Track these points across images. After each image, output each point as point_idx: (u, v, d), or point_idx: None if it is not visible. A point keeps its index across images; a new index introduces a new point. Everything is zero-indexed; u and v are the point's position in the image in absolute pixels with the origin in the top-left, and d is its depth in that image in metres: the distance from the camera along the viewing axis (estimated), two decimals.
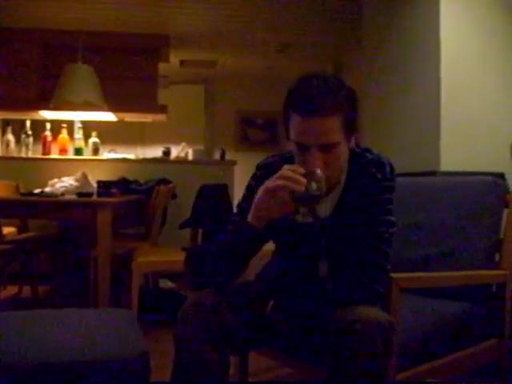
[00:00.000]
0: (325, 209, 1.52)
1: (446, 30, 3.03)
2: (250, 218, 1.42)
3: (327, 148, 1.38)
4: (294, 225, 1.50)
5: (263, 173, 1.55)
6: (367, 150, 1.53)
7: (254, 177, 1.60)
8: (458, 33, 3.05)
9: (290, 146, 1.47)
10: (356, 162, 1.50)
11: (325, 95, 1.35)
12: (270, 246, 1.71)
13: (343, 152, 1.44)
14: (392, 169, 1.51)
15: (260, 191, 1.39)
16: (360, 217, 1.48)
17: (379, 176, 1.48)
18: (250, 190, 1.56)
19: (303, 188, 1.31)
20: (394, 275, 1.54)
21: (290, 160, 1.51)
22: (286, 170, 1.35)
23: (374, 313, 1.36)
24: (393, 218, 1.49)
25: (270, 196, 1.37)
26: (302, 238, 1.56)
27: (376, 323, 1.32)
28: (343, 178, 1.51)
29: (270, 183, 1.37)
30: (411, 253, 2.11)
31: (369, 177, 1.48)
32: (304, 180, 1.32)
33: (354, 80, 5.54)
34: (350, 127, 1.42)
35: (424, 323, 1.73)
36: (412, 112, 3.32)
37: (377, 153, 1.53)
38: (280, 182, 1.34)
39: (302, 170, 1.34)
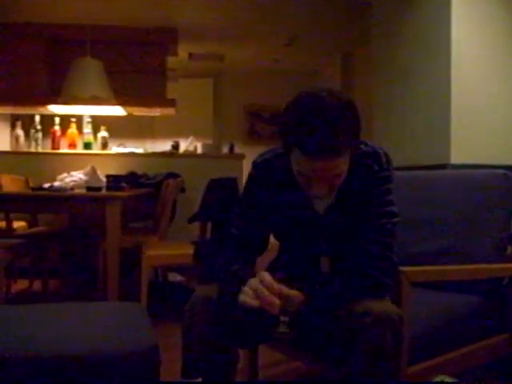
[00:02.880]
0: (322, 204, 1.50)
1: (457, 23, 3.00)
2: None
3: (334, 176, 1.36)
4: (293, 221, 1.52)
5: (259, 172, 1.55)
6: (361, 143, 1.49)
7: (250, 177, 1.58)
8: (468, 26, 3.03)
9: None
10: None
11: (331, 138, 1.26)
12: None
13: (345, 173, 1.39)
14: (388, 158, 1.48)
15: (240, 297, 1.35)
16: (359, 210, 1.47)
17: (376, 167, 1.45)
18: (249, 192, 1.57)
19: (276, 311, 1.29)
20: (404, 269, 1.53)
21: (285, 157, 1.45)
22: (262, 289, 1.30)
23: (383, 306, 1.36)
24: (394, 208, 1.47)
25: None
26: (302, 234, 1.56)
27: (386, 316, 1.32)
28: None
29: (245, 299, 1.32)
30: (422, 246, 2.09)
31: (365, 169, 1.46)
32: (278, 302, 1.28)
33: (362, 73, 5.51)
34: (356, 147, 1.39)
35: (435, 317, 1.73)
36: (422, 105, 3.30)
37: (371, 144, 1.50)
38: (255, 303, 1.30)
39: (277, 289, 1.30)
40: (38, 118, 5.00)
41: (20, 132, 4.96)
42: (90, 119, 5.08)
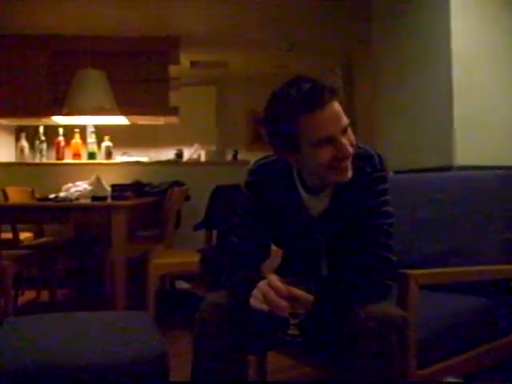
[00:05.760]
0: (317, 207, 1.51)
1: (457, 24, 3.00)
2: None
3: (345, 131, 1.36)
4: (290, 227, 1.53)
5: (254, 178, 1.58)
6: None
7: (246, 185, 1.60)
8: (468, 26, 3.03)
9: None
10: None
11: (319, 84, 1.33)
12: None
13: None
14: (381, 159, 1.48)
15: (250, 301, 1.37)
16: (355, 212, 1.47)
17: (369, 169, 1.46)
18: (246, 199, 1.59)
19: (285, 313, 1.30)
20: (412, 272, 1.53)
21: (279, 162, 1.50)
22: (270, 292, 1.31)
23: (386, 309, 1.36)
24: (390, 209, 1.47)
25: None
26: (300, 239, 1.56)
27: (389, 319, 1.32)
28: None
29: (255, 303, 1.35)
30: (426, 248, 2.09)
31: (359, 171, 1.45)
32: (286, 305, 1.29)
33: (364, 78, 5.52)
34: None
35: (443, 319, 1.72)
36: (425, 107, 3.30)
37: (363, 146, 1.50)
38: (265, 307, 1.32)
39: (285, 291, 1.31)
40: (41, 129, 5.03)
41: (24, 143, 4.99)
42: (93, 129, 5.10)
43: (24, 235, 4.09)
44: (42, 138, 5.03)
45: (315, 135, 1.34)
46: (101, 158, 5.11)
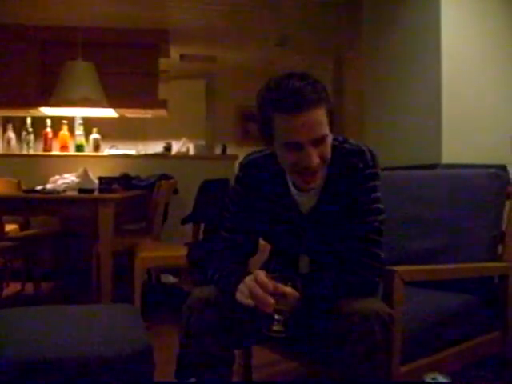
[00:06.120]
0: (307, 203, 1.51)
1: (447, 22, 3.01)
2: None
3: (319, 142, 1.36)
4: (279, 222, 1.54)
5: (245, 172, 1.57)
6: (346, 141, 1.50)
7: (237, 179, 1.59)
8: (458, 25, 3.04)
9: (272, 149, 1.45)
10: (335, 153, 1.45)
11: (305, 88, 1.31)
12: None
13: (330, 143, 1.40)
14: (373, 156, 1.48)
15: (236, 296, 1.38)
16: (345, 208, 1.47)
17: (361, 165, 1.45)
18: (236, 194, 1.58)
19: (270, 309, 1.31)
20: (397, 268, 1.54)
21: (270, 157, 1.50)
22: (256, 287, 1.32)
23: (371, 305, 1.36)
24: (381, 206, 1.47)
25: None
26: (287, 235, 1.56)
27: (375, 315, 1.33)
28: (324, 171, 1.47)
29: (240, 297, 1.36)
30: (413, 246, 2.10)
31: (350, 167, 1.45)
32: (272, 301, 1.30)
33: (355, 74, 5.53)
34: (331, 118, 1.39)
35: (427, 316, 1.73)
36: (413, 105, 3.31)
37: (355, 142, 1.50)
38: (250, 303, 1.33)
39: (271, 287, 1.32)
40: (29, 121, 4.98)
41: (11, 134, 4.94)
42: (81, 121, 5.07)
43: (9, 227, 4.05)
44: (30, 129, 4.98)
45: (283, 136, 1.36)
46: (89, 151, 5.07)
